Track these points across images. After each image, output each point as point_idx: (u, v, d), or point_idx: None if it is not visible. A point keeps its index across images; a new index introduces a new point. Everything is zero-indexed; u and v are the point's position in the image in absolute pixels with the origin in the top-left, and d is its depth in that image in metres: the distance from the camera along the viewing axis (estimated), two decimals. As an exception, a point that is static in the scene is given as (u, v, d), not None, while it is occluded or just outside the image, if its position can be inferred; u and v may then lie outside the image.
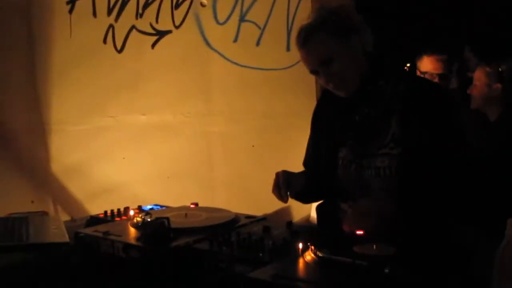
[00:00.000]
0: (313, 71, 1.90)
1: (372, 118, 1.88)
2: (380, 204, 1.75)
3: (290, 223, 1.89)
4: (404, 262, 1.37)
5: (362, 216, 1.70)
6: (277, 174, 1.96)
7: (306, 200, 2.24)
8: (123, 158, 3.31)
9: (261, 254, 1.57)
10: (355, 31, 1.85)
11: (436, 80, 3.26)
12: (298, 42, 1.87)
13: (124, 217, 2.11)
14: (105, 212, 2.16)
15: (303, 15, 3.43)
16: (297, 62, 3.42)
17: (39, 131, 3.16)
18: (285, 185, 1.92)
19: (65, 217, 2.67)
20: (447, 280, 1.34)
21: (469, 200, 1.77)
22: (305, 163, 2.22)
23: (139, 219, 1.84)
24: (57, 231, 1.88)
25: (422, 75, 3.33)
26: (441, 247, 1.53)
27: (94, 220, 2.10)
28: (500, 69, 2.97)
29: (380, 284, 1.27)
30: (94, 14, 3.22)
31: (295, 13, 3.56)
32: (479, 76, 3.02)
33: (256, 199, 3.28)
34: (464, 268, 1.42)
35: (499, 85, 2.95)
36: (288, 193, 1.93)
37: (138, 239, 1.72)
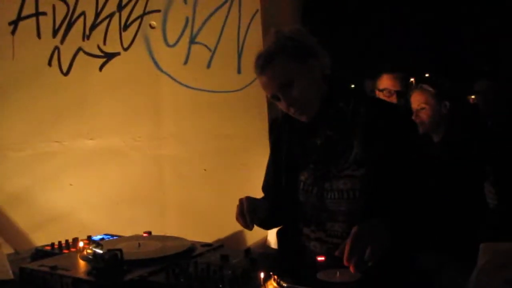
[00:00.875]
0: (273, 97, 1.88)
1: (334, 140, 1.87)
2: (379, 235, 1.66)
3: (248, 250, 1.84)
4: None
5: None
6: (241, 201, 1.90)
7: (269, 226, 2.19)
8: (70, 184, 3.18)
9: (221, 286, 1.50)
10: (314, 54, 1.85)
11: (394, 96, 3.36)
12: (257, 67, 1.86)
13: (73, 249, 2.00)
14: (52, 244, 2.04)
15: (254, 38, 3.48)
16: (248, 85, 3.43)
17: (-21, 157, 3.00)
18: (250, 212, 1.86)
19: (8, 250, 2.52)
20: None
21: (433, 223, 1.77)
22: (264, 188, 2.18)
23: (89, 251, 1.74)
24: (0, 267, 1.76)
25: (381, 92, 3.41)
26: (405, 272, 1.50)
27: (40, 253, 1.99)
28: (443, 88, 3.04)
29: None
30: (39, 35, 3.10)
31: (245, 36, 3.54)
32: (426, 99, 3.06)
33: (209, 224, 3.22)
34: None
35: (447, 102, 3.01)
36: (254, 219, 1.87)
37: (89, 273, 1.62)
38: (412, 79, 3.79)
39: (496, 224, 2.47)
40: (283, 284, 1.41)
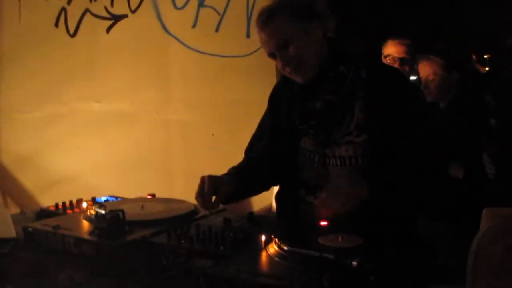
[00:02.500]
0: (271, 54, 1.84)
1: (334, 105, 1.83)
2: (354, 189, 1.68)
3: (251, 214, 1.82)
4: (371, 254, 1.32)
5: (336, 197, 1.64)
6: (202, 179, 1.84)
7: (239, 199, 2.12)
8: (77, 147, 3.20)
9: (222, 248, 1.50)
10: (317, 16, 1.80)
11: (397, 63, 3.27)
12: (258, 23, 1.81)
13: (76, 210, 2.00)
14: (56, 204, 2.04)
15: (264, 2, 3.42)
16: (257, 49, 3.37)
17: (-13, 120, 3.01)
18: (210, 192, 1.81)
19: (15, 210, 2.54)
20: (415, 272, 1.30)
21: (435, 191, 1.75)
22: (247, 150, 2.14)
23: (92, 211, 1.75)
24: (2, 226, 1.76)
25: (384, 58, 3.33)
26: (409, 239, 1.49)
27: (44, 213, 1.98)
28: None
29: (348, 277, 1.22)
30: (45, -4, 3.08)
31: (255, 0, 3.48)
32: (434, 70, 3.02)
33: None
34: (432, 260, 1.39)
35: (456, 72, 2.97)
36: (214, 199, 1.83)
37: (91, 233, 1.62)
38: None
39: (496, 193, 2.45)
40: (284, 247, 1.40)
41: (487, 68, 4.57)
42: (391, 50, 3.34)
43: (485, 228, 1.13)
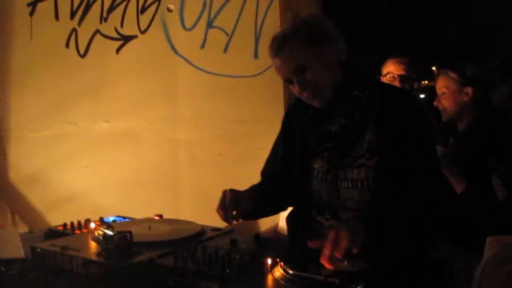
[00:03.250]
0: (287, 80, 1.86)
1: (349, 128, 1.85)
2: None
3: (257, 236, 1.83)
4: (377, 278, 1.32)
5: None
6: (224, 193, 1.88)
7: (257, 217, 2.15)
8: (85, 166, 3.21)
9: (228, 270, 1.50)
10: (329, 40, 1.83)
11: (397, 80, 3.30)
12: (272, 50, 1.84)
13: (84, 230, 2.01)
14: (65, 224, 2.06)
15: (271, 23, 3.46)
16: (265, 70, 3.41)
17: (-3, 137, 3.04)
18: (232, 206, 1.84)
19: (23, 228, 2.56)
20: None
21: (443, 214, 1.75)
22: (264, 172, 2.16)
23: (100, 232, 1.75)
24: (11, 246, 1.78)
25: (383, 77, 3.36)
26: (415, 262, 1.49)
27: (52, 233, 2.00)
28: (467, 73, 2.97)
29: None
30: (57, 17, 3.12)
31: (263, 21, 3.51)
32: (447, 84, 3.00)
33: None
34: (438, 284, 1.39)
35: (470, 89, 2.93)
36: (235, 213, 1.86)
37: (98, 254, 1.63)
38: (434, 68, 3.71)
39: (505, 217, 2.43)
40: (289, 271, 1.40)
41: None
42: (391, 68, 3.38)
43: (489, 256, 1.14)
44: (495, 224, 2.24)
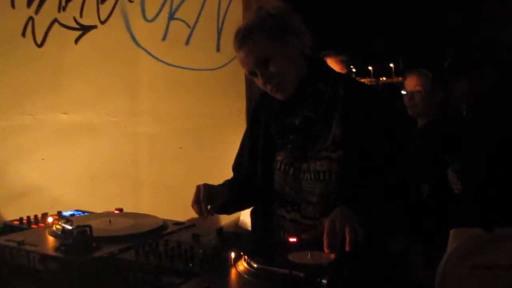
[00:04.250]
0: (251, 73, 1.86)
1: (312, 121, 1.85)
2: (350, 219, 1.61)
3: (220, 230, 1.82)
4: (341, 271, 1.33)
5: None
6: (198, 188, 1.87)
7: (231, 211, 2.16)
8: (42, 159, 3.14)
9: (191, 265, 1.49)
10: (294, 33, 1.83)
11: None
12: (236, 43, 1.83)
13: (41, 224, 1.96)
14: (21, 218, 2.01)
15: (234, 16, 3.43)
16: (227, 63, 3.38)
17: (-50, 129, 2.94)
18: (206, 200, 1.84)
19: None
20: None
21: (405, 207, 1.78)
22: (234, 167, 2.16)
23: (58, 226, 1.72)
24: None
25: None
26: (375, 254, 1.50)
27: (8, 228, 1.95)
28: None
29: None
30: (13, 4, 3.04)
31: (225, 13, 3.48)
32: (423, 83, 3.06)
33: (183, 203, 3.17)
34: (400, 276, 1.41)
35: (441, 90, 3.02)
36: (209, 208, 1.85)
37: (57, 249, 1.59)
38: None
39: (461, 210, 2.50)
40: (254, 265, 1.40)
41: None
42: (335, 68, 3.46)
43: (452, 248, 1.15)
44: (454, 218, 2.30)
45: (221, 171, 2.19)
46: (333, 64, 3.45)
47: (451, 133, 2.87)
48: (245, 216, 3.21)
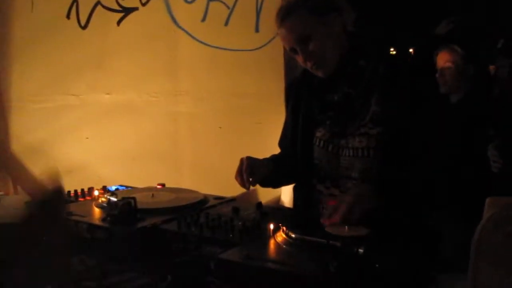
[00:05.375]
0: (291, 50, 1.88)
1: (352, 98, 1.87)
2: (364, 199, 1.65)
3: (259, 204, 1.86)
4: (377, 243, 1.35)
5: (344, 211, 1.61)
6: (241, 160, 1.93)
7: (275, 185, 2.21)
8: (86, 138, 3.23)
9: (231, 235, 1.54)
10: (336, 10, 1.84)
11: None
12: (277, 20, 1.86)
13: (88, 198, 2.05)
14: (68, 192, 2.09)
15: (273, -4, 3.44)
16: (266, 44, 3.40)
17: (-1, 109, 3.06)
18: (248, 171, 1.89)
19: (24, 199, 2.57)
20: (419, 261, 1.34)
21: (445, 184, 1.77)
22: (280, 143, 2.19)
23: (104, 199, 1.79)
24: (17, 212, 1.80)
25: None
26: (414, 229, 1.52)
27: (56, 200, 2.03)
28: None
29: (354, 264, 1.25)
30: (57, -12, 3.11)
31: (264, -6, 3.49)
32: (453, 58, 3.02)
33: (222, 181, 3.21)
34: (436, 250, 1.42)
35: (472, 65, 2.98)
36: (252, 179, 1.90)
37: (103, 219, 1.66)
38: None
39: (501, 187, 2.46)
40: (292, 235, 1.43)
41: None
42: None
43: (487, 217, 1.16)
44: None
45: (260, 150, 2.22)
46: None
47: (484, 109, 2.83)
48: (285, 195, 3.24)
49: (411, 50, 4.62)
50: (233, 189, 2.76)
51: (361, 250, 1.27)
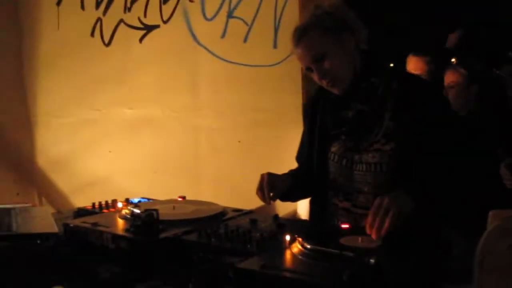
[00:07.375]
0: (307, 68, 1.95)
1: (365, 114, 1.92)
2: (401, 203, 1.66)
3: (276, 217, 1.92)
4: (389, 254, 1.40)
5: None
6: (262, 176, 2.00)
7: (294, 199, 2.28)
8: (109, 151, 3.32)
9: (249, 246, 1.59)
10: (349, 29, 1.90)
11: None
12: (293, 40, 1.92)
13: (112, 209, 2.12)
14: (93, 204, 2.17)
15: (291, 13, 3.51)
16: (284, 59, 3.46)
17: (25, 124, 3.16)
18: (269, 187, 1.95)
19: (50, 210, 2.65)
20: (429, 271, 1.38)
21: (456, 199, 1.81)
22: (297, 157, 2.25)
23: (127, 211, 1.86)
24: (45, 222, 1.89)
25: None
26: (425, 240, 1.56)
27: (82, 212, 2.12)
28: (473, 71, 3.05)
29: (366, 274, 1.30)
30: (82, 7, 3.22)
31: (282, 11, 3.55)
32: (457, 79, 3.08)
33: (242, 194, 3.27)
34: (446, 260, 1.46)
35: (476, 85, 3.02)
36: (272, 194, 1.96)
37: (127, 230, 1.73)
38: (453, 59, 3.72)
39: None
40: (307, 246, 1.49)
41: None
42: (411, 67, 3.44)
43: (490, 229, 1.21)
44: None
45: (278, 164, 2.27)
46: (413, 63, 3.45)
47: (489, 127, 2.86)
48: (301, 208, 3.28)
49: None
50: (252, 202, 2.82)
51: (372, 261, 1.32)
